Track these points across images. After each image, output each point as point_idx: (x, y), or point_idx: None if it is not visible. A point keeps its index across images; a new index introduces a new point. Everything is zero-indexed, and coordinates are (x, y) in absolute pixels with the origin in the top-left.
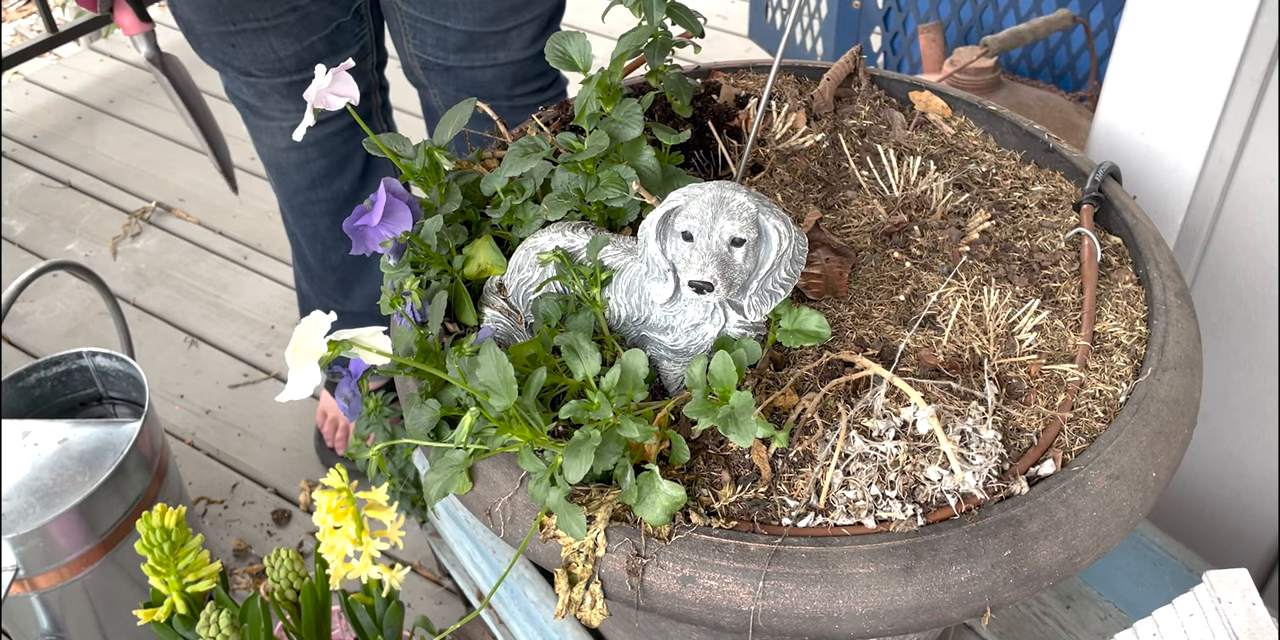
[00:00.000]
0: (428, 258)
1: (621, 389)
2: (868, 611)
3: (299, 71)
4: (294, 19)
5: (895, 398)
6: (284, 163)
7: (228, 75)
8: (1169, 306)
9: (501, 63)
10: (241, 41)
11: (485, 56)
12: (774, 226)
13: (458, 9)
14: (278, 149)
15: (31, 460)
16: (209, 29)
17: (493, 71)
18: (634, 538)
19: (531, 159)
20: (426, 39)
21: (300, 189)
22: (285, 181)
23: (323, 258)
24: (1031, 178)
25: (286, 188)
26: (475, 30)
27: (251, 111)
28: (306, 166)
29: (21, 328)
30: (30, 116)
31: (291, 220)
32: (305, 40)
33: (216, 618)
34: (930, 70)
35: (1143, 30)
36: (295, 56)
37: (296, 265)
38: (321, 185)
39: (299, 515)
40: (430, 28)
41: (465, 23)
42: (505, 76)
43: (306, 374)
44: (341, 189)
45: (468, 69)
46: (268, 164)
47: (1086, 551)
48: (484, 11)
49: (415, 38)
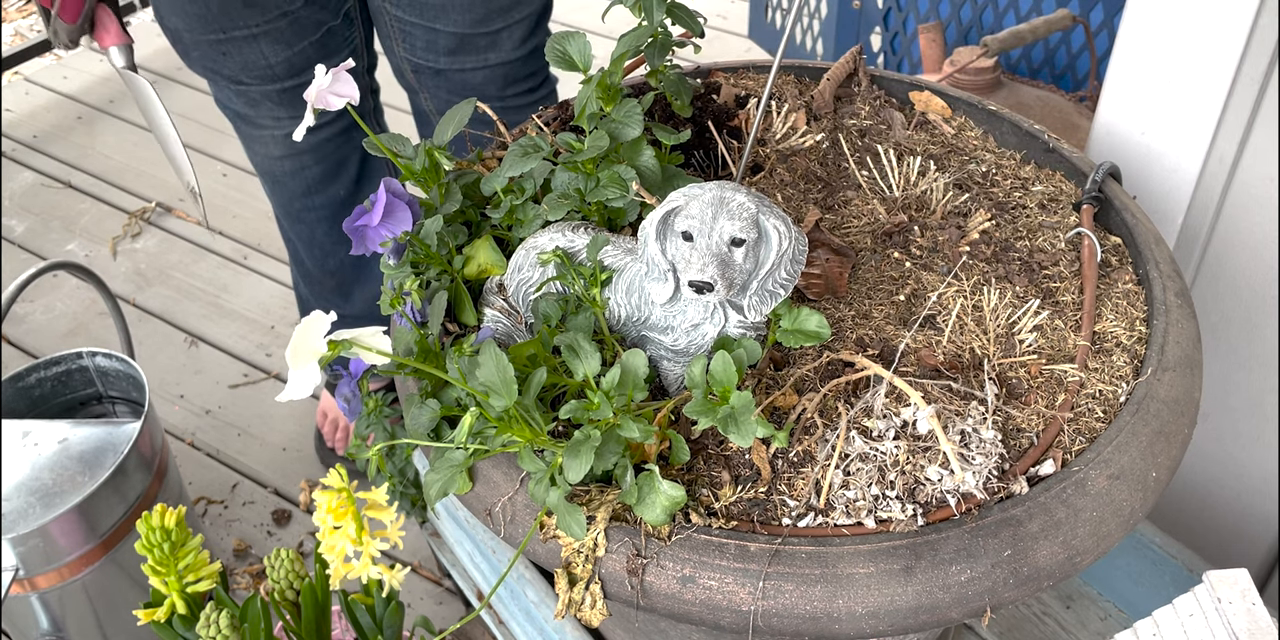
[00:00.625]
0: (428, 258)
1: (621, 389)
2: (868, 611)
3: (290, 78)
4: (284, 25)
5: (895, 398)
6: (278, 171)
7: (217, 84)
8: (1169, 306)
9: (493, 64)
10: (232, 49)
11: (476, 58)
12: (774, 226)
13: (446, 11)
14: (271, 157)
15: (31, 460)
16: (198, 37)
17: (484, 73)
18: (634, 538)
19: (531, 159)
20: (416, 42)
21: (296, 196)
22: (280, 189)
23: (321, 263)
24: (1031, 178)
25: (282, 195)
26: (465, 32)
27: (243, 121)
28: (301, 173)
29: (21, 328)
30: (30, 116)
31: (288, 226)
32: (296, 46)
33: (216, 618)
34: (930, 70)
35: (1143, 30)
36: (286, 62)
37: (294, 270)
38: (317, 191)
39: (299, 515)
40: (420, 31)
41: (454, 25)
42: (496, 78)
43: (306, 374)
44: (337, 194)
45: (458, 71)
46: (262, 173)
47: (1086, 551)
48: (473, 13)
49: (405, 41)
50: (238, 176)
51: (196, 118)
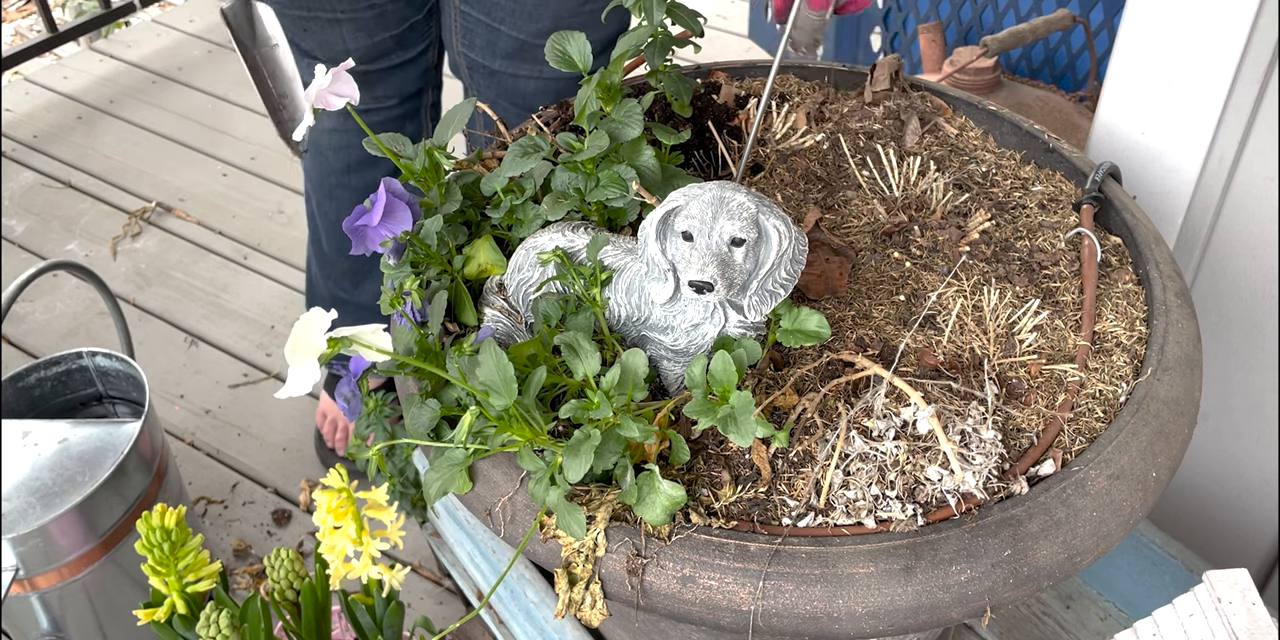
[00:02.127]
0: (428, 258)
1: (621, 389)
2: (868, 611)
3: (364, 63)
4: (370, 16)
5: (895, 398)
6: (324, 144)
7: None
8: (1169, 306)
9: (547, 77)
10: (314, 27)
11: (532, 67)
12: (774, 226)
13: (514, 14)
14: (322, 129)
15: (31, 460)
16: (285, 10)
17: (537, 84)
18: (634, 538)
19: (531, 159)
20: (476, 39)
21: (334, 172)
22: (321, 163)
23: (339, 245)
24: (1032, 178)
25: (321, 169)
26: (526, 39)
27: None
28: (346, 151)
29: (21, 328)
30: (30, 116)
31: (316, 203)
32: (376, 36)
33: (216, 618)
34: (930, 70)
35: (1143, 30)
36: (363, 49)
37: (310, 248)
38: (356, 171)
39: (299, 515)
40: (482, 29)
41: (518, 30)
42: (549, 91)
43: (306, 371)
44: (375, 178)
45: (511, 76)
46: (311, 147)
47: (1087, 551)
48: (539, 22)
49: (465, 36)
50: (238, 176)
51: (197, 118)
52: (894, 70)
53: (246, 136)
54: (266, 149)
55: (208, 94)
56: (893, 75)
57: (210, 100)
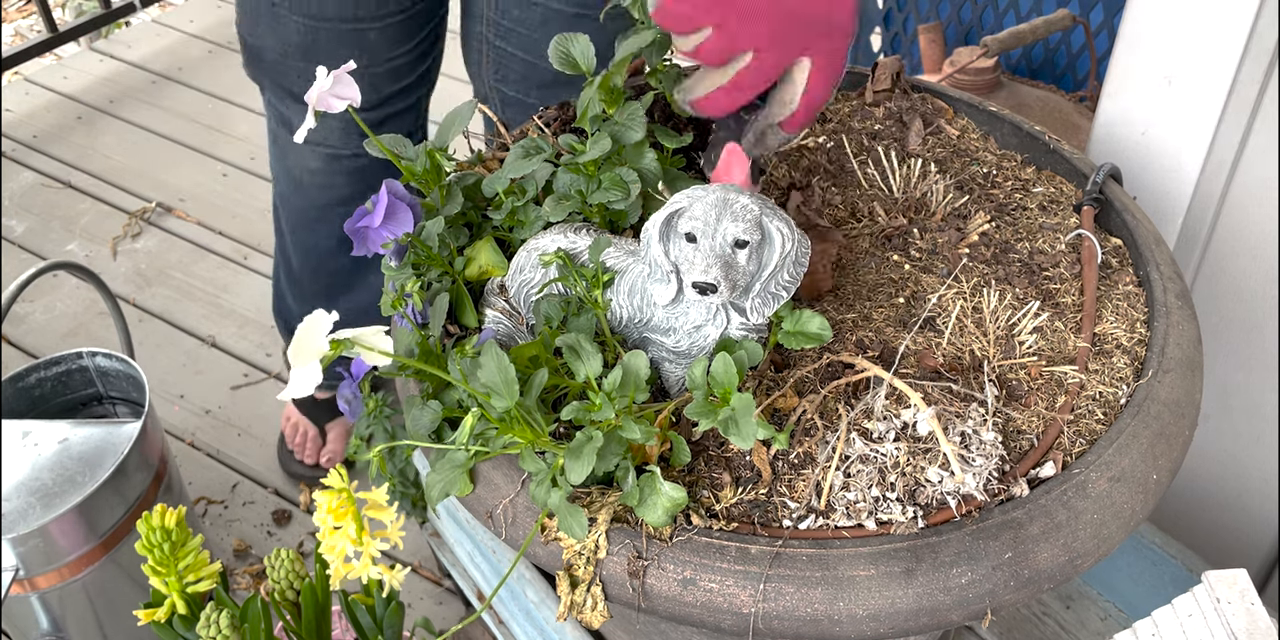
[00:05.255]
0: (429, 259)
1: (623, 390)
2: (868, 614)
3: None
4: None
5: (895, 399)
6: (308, 181)
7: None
8: (1170, 308)
9: None
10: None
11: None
12: (777, 228)
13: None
14: (307, 169)
15: (31, 460)
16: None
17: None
18: (635, 540)
19: (533, 161)
20: (510, 74)
21: (316, 206)
22: (302, 196)
23: (314, 270)
24: (1032, 179)
25: (301, 201)
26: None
27: (286, 128)
28: (331, 190)
29: (21, 328)
30: (30, 116)
31: (288, 229)
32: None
33: (216, 618)
34: (930, 70)
35: (1142, 30)
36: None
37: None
38: (342, 204)
39: (299, 515)
40: (517, 63)
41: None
42: None
43: (308, 372)
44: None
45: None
46: (288, 179)
47: (1087, 554)
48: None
49: (498, 71)
50: (238, 176)
51: (197, 118)
52: (895, 71)
53: (246, 136)
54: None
55: (208, 94)
56: (894, 76)
57: (210, 100)
